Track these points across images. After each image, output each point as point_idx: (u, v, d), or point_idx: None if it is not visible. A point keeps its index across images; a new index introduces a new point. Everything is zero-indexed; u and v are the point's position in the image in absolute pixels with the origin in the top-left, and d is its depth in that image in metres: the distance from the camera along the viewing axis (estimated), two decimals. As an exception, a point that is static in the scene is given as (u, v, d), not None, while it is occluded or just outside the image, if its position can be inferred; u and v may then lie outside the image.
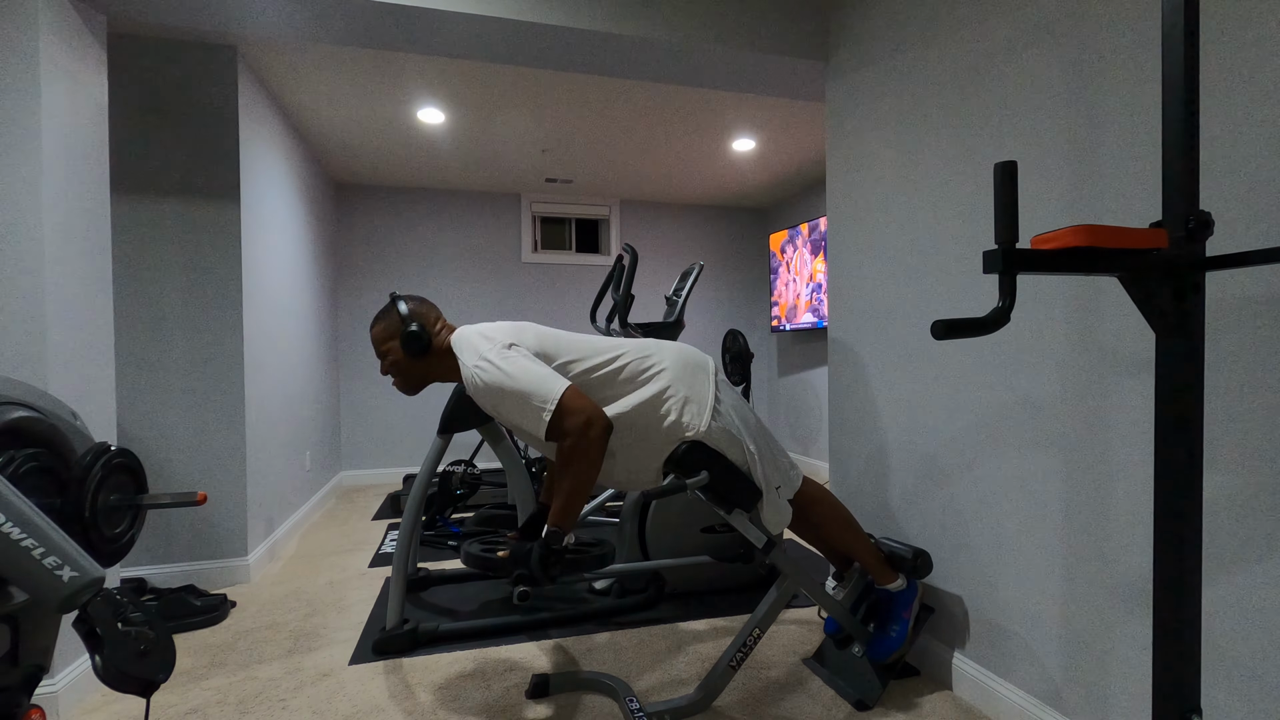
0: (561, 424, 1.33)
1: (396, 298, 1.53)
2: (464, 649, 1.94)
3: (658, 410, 1.45)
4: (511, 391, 1.35)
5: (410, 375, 1.53)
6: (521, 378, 1.35)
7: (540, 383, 1.35)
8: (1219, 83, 1.08)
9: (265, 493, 2.78)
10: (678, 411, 1.45)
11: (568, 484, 1.34)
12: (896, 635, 1.62)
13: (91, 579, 0.79)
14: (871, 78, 1.99)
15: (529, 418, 1.34)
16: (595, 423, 1.34)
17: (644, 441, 1.45)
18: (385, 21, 1.94)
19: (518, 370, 1.36)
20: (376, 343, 1.53)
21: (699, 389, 1.48)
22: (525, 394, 1.34)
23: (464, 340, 1.47)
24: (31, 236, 1.57)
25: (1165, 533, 0.82)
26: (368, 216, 4.52)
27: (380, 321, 1.53)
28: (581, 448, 1.33)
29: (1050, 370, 1.39)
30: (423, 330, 1.48)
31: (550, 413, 1.32)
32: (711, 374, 1.52)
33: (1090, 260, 0.77)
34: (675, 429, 1.44)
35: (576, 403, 1.34)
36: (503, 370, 1.36)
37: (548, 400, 1.33)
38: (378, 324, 1.53)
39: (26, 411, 0.90)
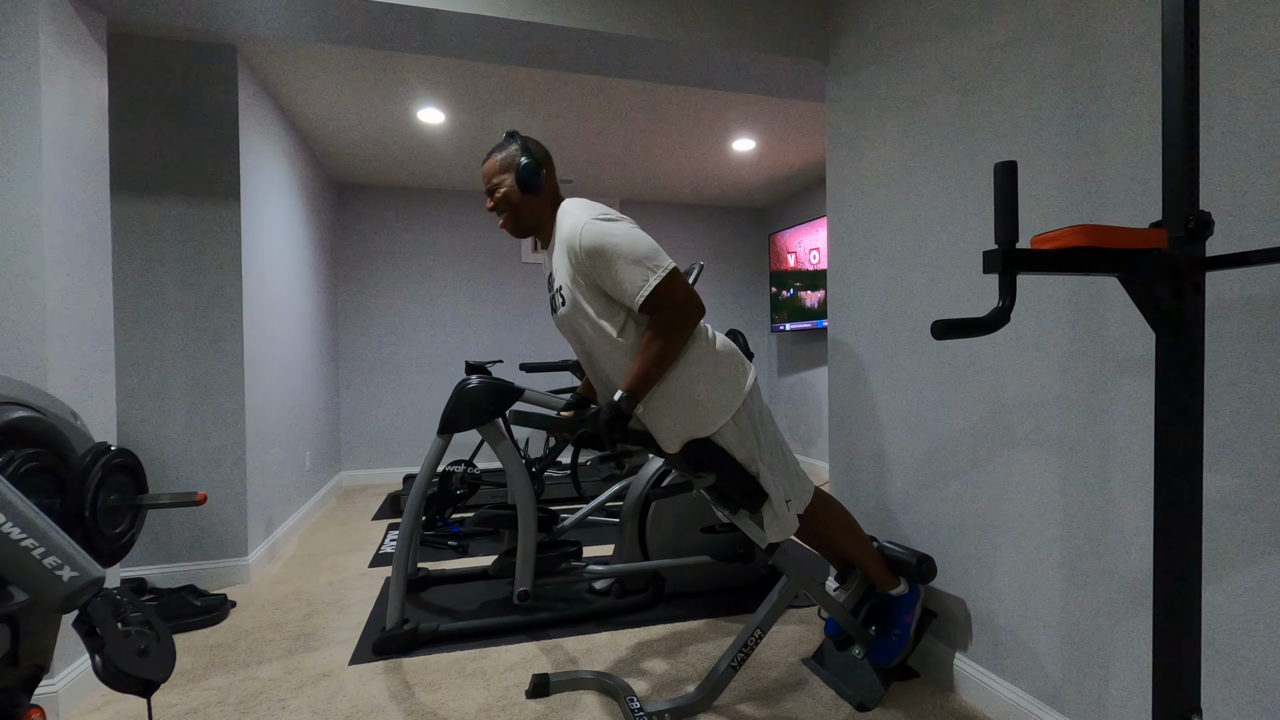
0: (666, 294, 1.36)
1: (515, 134, 1.53)
2: (464, 649, 1.94)
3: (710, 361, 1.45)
4: (626, 247, 1.36)
5: (519, 213, 1.51)
6: (641, 242, 1.38)
7: (655, 249, 1.39)
8: (1219, 83, 1.08)
9: (265, 493, 2.78)
10: (707, 395, 1.43)
11: (655, 352, 1.37)
12: (898, 640, 1.62)
13: (91, 579, 0.79)
14: (871, 78, 1.99)
15: (632, 278, 1.35)
16: (695, 300, 1.40)
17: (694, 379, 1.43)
18: (385, 21, 1.94)
19: (636, 233, 1.40)
20: (490, 174, 1.52)
21: (733, 383, 1.46)
22: (640, 254, 1.36)
23: (577, 203, 1.47)
24: (31, 236, 1.57)
25: (1165, 533, 0.82)
26: (368, 216, 4.52)
27: (498, 152, 1.52)
28: (676, 321, 1.37)
29: (1050, 370, 1.39)
30: (539, 167, 1.48)
31: (660, 278, 1.35)
32: (749, 379, 1.49)
33: (1090, 260, 0.77)
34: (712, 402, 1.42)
35: (682, 280, 1.39)
36: (623, 230, 1.39)
37: (659, 266, 1.36)
38: (494, 155, 1.52)
39: (26, 411, 0.90)
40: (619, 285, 1.37)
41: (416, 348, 4.63)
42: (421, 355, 4.64)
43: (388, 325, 4.57)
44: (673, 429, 1.45)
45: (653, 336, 1.37)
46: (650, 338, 1.38)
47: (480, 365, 2.73)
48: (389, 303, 4.57)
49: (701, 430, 1.43)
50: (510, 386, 2.13)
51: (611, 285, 1.38)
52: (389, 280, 4.57)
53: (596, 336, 1.45)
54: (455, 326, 4.70)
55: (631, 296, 1.36)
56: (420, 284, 4.63)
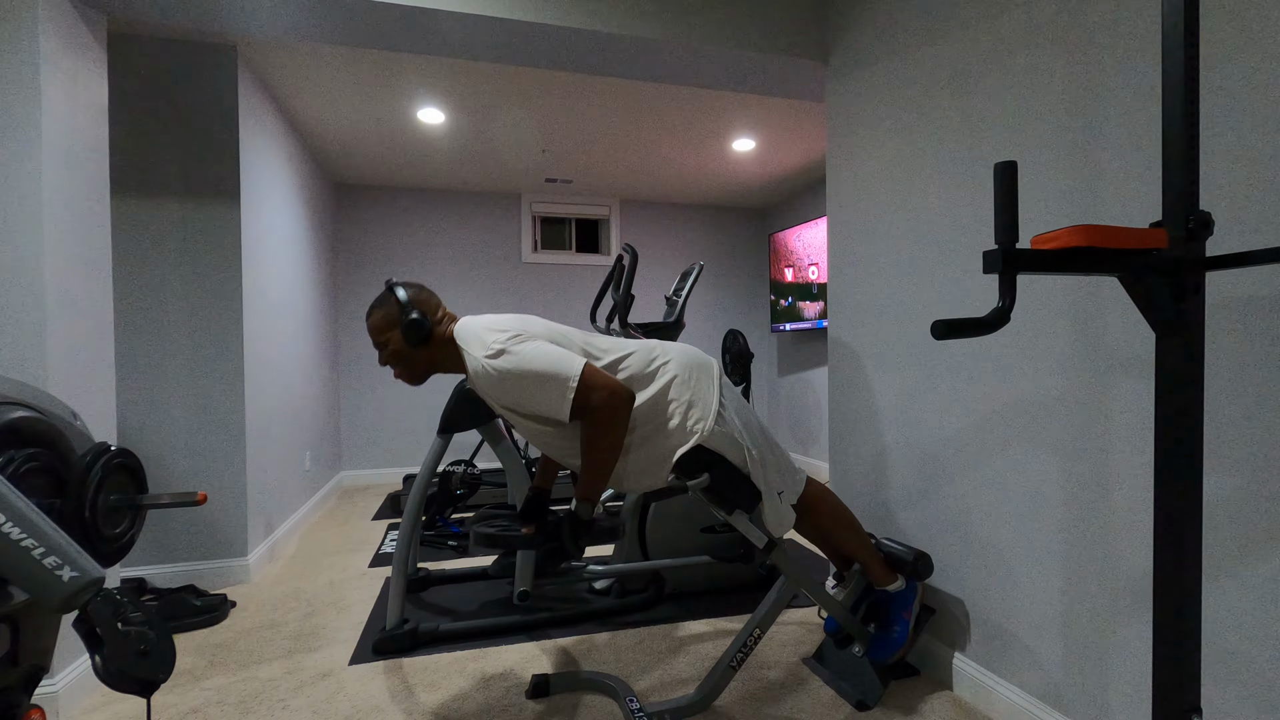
0: (587, 400, 1.32)
1: (394, 284, 1.47)
2: (464, 649, 1.94)
3: (664, 412, 1.44)
4: (530, 375, 1.32)
5: (413, 364, 1.46)
6: (540, 360, 1.33)
7: (558, 362, 1.33)
8: (1219, 83, 1.08)
9: (265, 493, 2.78)
10: (682, 415, 1.44)
11: (596, 457, 1.35)
12: (898, 636, 1.62)
13: (91, 579, 0.79)
14: (871, 78, 1.99)
15: (550, 400, 1.32)
16: (619, 394, 1.35)
17: (649, 442, 1.45)
18: (385, 21, 1.94)
19: (533, 353, 1.34)
20: (375, 332, 1.45)
21: (703, 391, 1.47)
22: (545, 375, 1.32)
23: (469, 332, 1.41)
24: (31, 236, 1.57)
25: (1165, 533, 0.82)
26: (368, 216, 4.52)
27: (378, 310, 1.45)
28: (608, 421, 1.33)
29: (1050, 370, 1.39)
30: (424, 318, 1.41)
31: (574, 390, 1.31)
32: (716, 377, 1.51)
33: (1090, 260, 0.77)
34: (680, 431, 1.44)
35: (598, 378, 1.34)
36: (518, 356, 1.33)
37: (570, 379, 1.31)
38: (375, 312, 1.46)
39: (26, 411, 0.90)
40: (540, 411, 1.35)
41: (416, 348, 4.62)
42: (421, 355, 4.63)
43: (388, 325, 4.57)
44: (658, 478, 1.48)
45: (590, 444, 1.35)
46: (588, 445, 1.35)
47: (480, 365, 2.72)
48: (389, 303, 4.56)
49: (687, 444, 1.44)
50: (510, 386, 2.13)
51: (533, 410, 1.37)
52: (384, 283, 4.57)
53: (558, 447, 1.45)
54: (455, 326, 4.69)
55: (557, 415, 1.34)
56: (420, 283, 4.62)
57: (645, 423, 1.44)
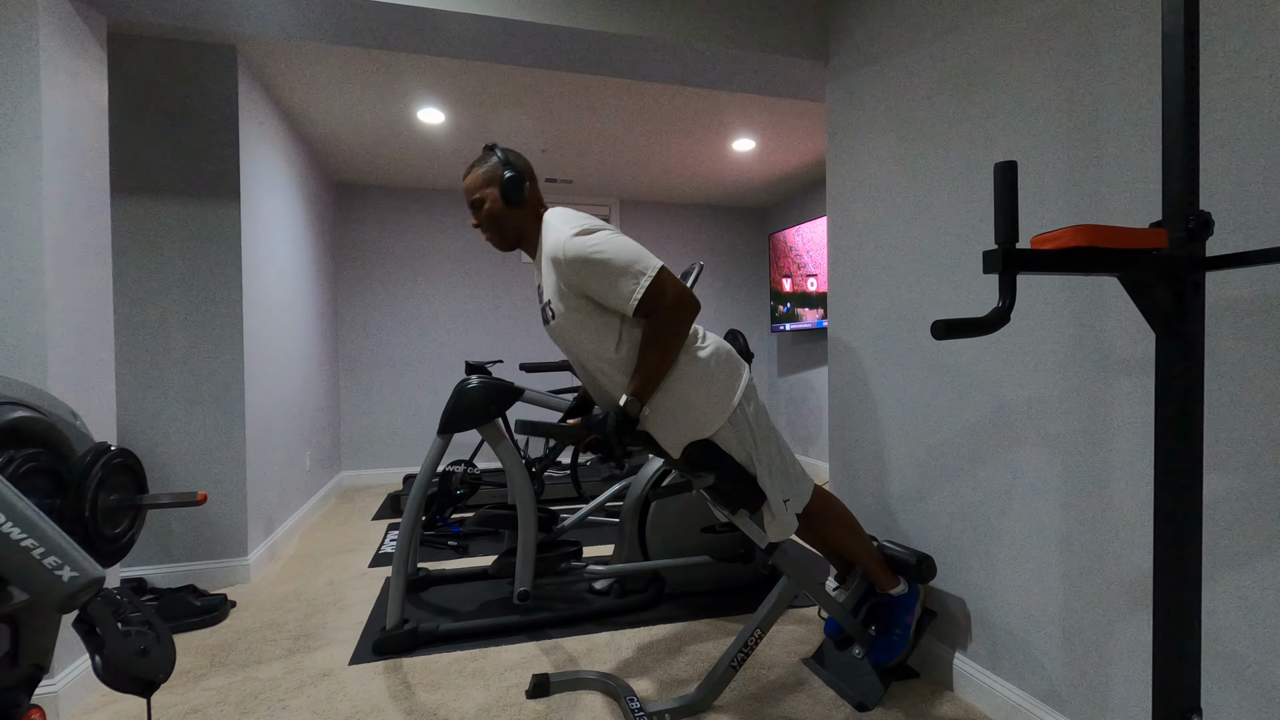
0: (658, 296, 1.36)
1: (495, 146, 1.52)
2: (464, 649, 1.94)
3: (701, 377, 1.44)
4: (612, 256, 1.35)
5: (506, 226, 1.50)
6: (626, 247, 1.37)
7: (640, 253, 1.38)
8: (1219, 83, 1.08)
9: (265, 493, 2.78)
10: (706, 396, 1.43)
11: (655, 354, 1.37)
12: (899, 639, 1.62)
13: (91, 579, 0.79)
14: (871, 77, 1.99)
15: (623, 285, 1.35)
16: (688, 298, 1.39)
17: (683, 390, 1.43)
18: (385, 21, 1.94)
19: (620, 241, 1.39)
20: (472, 189, 1.50)
21: (728, 385, 1.46)
22: (626, 260, 1.35)
23: (562, 213, 1.45)
24: (31, 236, 1.57)
25: (1165, 533, 0.82)
26: (368, 216, 4.52)
27: (478, 167, 1.51)
28: (672, 321, 1.37)
29: (1050, 370, 1.39)
30: (522, 179, 1.47)
31: (649, 280, 1.35)
32: (743, 379, 1.49)
33: (1090, 260, 0.77)
34: (704, 408, 1.43)
35: (672, 278, 1.38)
36: (605, 237, 1.38)
37: (648, 270, 1.36)
38: (474, 170, 1.51)
39: (26, 411, 0.90)
40: (609, 295, 1.37)
41: (416, 348, 4.63)
42: (421, 355, 4.64)
43: (388, 325, 4.57)
44: (671, 434, 1.45)
45: (651, 339, 1.38)
46: (649, 341, 1.38)
47: (480, 365, 2.73)
48: (389, 303, 4.57)
49: (699, 433, 1.44)
50: (510, 387, 2.13)
51: (602, 296, 1.38)
52: (389, 280, 4.57)
53: (591, 351, 1.45)
54: (455, 326, 4.70)
55: (624, 304, 1.36)
56: (420, 284, 4.63)
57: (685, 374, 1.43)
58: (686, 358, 1.44)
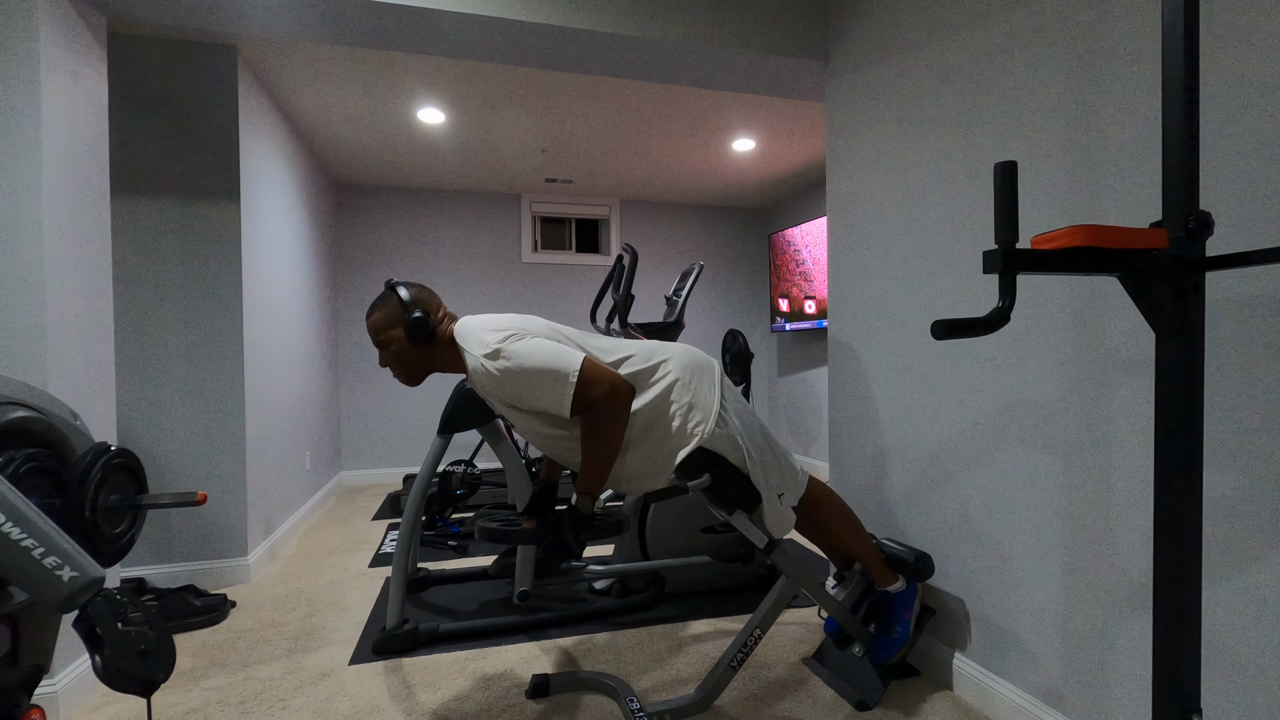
0: (587, 394, 1.33)
1: (395, 284, 1.46)
2: (464, 649, 1.94)
3: (665, 414, 1.44)
4: (530, 372, 1.33)
5: (414, 365, 1.45)
6: (538, 356, 1.34)
7: (557, 358, 1.33)
8: (1219, 83, 1.08)
9: (265, 493, 2.78)
10: (683, 417, 1.44)
11: (597, 449, 1.35)
12: (899, 636, 1.62)
13: (91, 579, 0.79)
14: (871, 78, 1.99)
15: (551, 395, 1.33)
16: (619, 387, 1.35)
17: (650, 443, 1.45)
18: (385, 21, 1.94)
19: (532, 350, 1.34)
20: (375, 331, 1.45)
21: (704, 393, 1.47)
22: (544, 371, 1.32)
23: (469, 331, 1.41)
24: (31, 236, 1.57)
25: (1165, 533, 0.82)
26: (368, 216, 4.52)
27: (379, 309, 1.45)
28: (610, 413, 1.34)
29: (1050, 370, 1.39)
30: (427, 316, 1.42)
31: (574, 385, 1.31)
32: (717, 378, 1.51)
33: (1090, 260, 0.77)
34: (680, 434, 1.44)
35: (597, 371, 1.35)
36: (517, 354, 1.34)
37: (570, 373, 1.32)
38: (376, 311, 1.45)
39: (26, 411, 0.90)
40: (542, 404, 1.35)
41: (416, 348, 4.62)
42: (421, 355, 4.63)
43: (388, 325, 4.57)
44: (659, 480, 1.48)
45: (589, 435, 1.36)
46: (587, 436, 1.36)
47: (480, 365, 2.72)
48: (389, 303, 4.56)
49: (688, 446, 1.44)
50: (510, 386, 2.13)
51: (535, 404, 1.36)
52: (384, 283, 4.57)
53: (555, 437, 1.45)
54: (455, 326, 4.69)
55: (558, 411, 1.34)
56: (420, 283, 4.62)
57: (646, 424, 1.44)
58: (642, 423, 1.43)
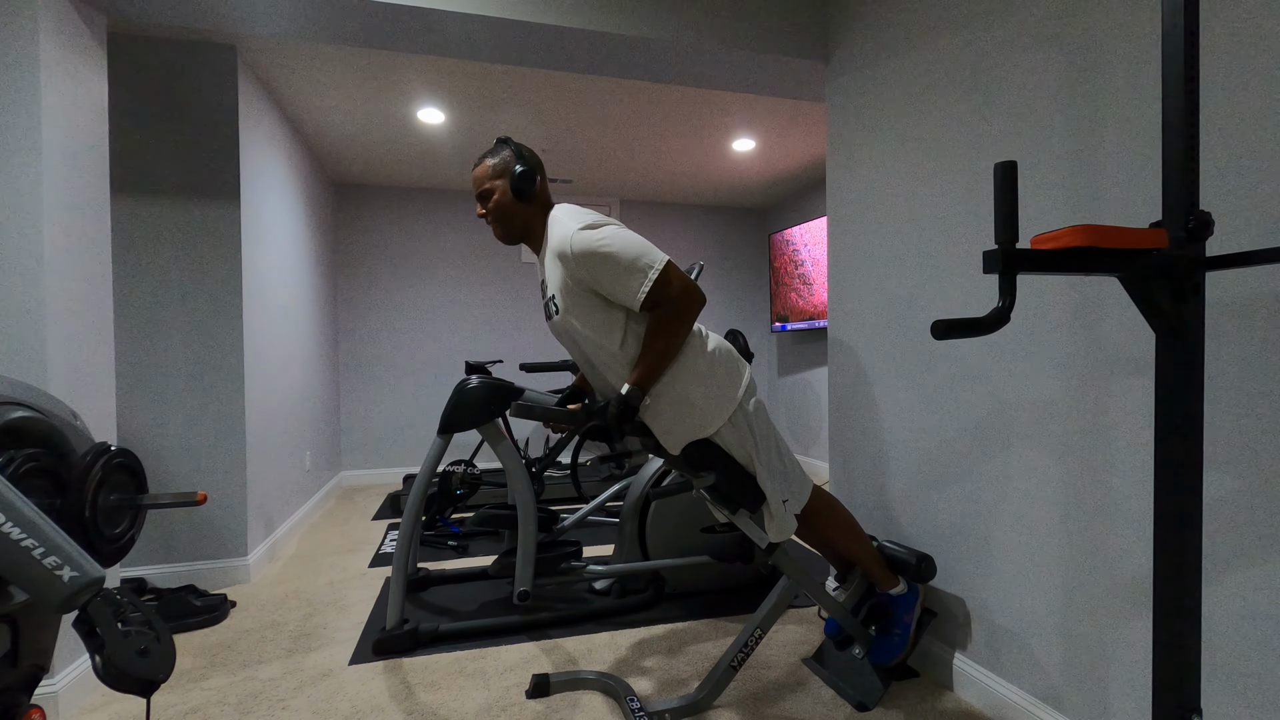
0: (665, 288, 1.37)
1: (509, 140, 1.52)
2: (464, 649, 1.94)
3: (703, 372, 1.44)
4: (619, 250, 1.37)
5: (512, 220, 1.50)
6: (631, 241, 1.39)
7: (647, 248, 1.39)
8: (1219, 83, 1.08)
9: (265, 493, 2.78)
10: (704, 395, 1.44)
11: (660, 344, 1.39)
12: (899, 639, 1.62)
13: (91, 579, 0.79)
14: (871, 78, 1.99)
15: (631, 278, 1.36)
16: (694, 292, 1.41)
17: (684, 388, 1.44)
18: (385, 21, 1.94)
19: (626, 236, 1.40)
20: (481, 179, 1.50)
21: (728, 385, 1.47)
22: (633, 254, 1.37)
23: (569, 209, 1.46)
24: (31, 237, 1.57)
25: (1165, 533, 0.82)
26: (368, 216, 4.52)
27: (490, 157, 1.51)
28: (679, 313, 1.39)
29: (1050, 370, 1.39)
30: (534, 174, 1.48)
31: (656, 274, 1.36)
32: (745, 376, 1.50)
33: (1090, 260, 0.77)
34: (705, 408, 1.43)
35: (677, 271, 1.41)
36: (613, 232, 1.39)
37: (655, 263, 1.37)
38: (486, 160, 1.51)
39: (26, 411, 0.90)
40: (616, 290, 1.38)
41: (416, 348, 4.63)
42: (421, 355, 4.64)
43: (388, 325, 4.57)
44: (671, 431, 1.46)
45: (656, 331, 1.39)
46: (654, 331, 1.39)
47: (480, 365, 2.73)
48: (389, 303, 4.57)
49: (699, 432, 1.44)
50: (510, 386, 2.13)
51: (609, 290, 1.39)
52: (389, 280, 4.57)
53: (595, 346, 1.45)
54: (455, 326, 4.70)
55: (630, 299, 1.37)
56: (420, 284, 4.63)
57: (687, 370, 1.44)
58: (690, 354, 1.45)
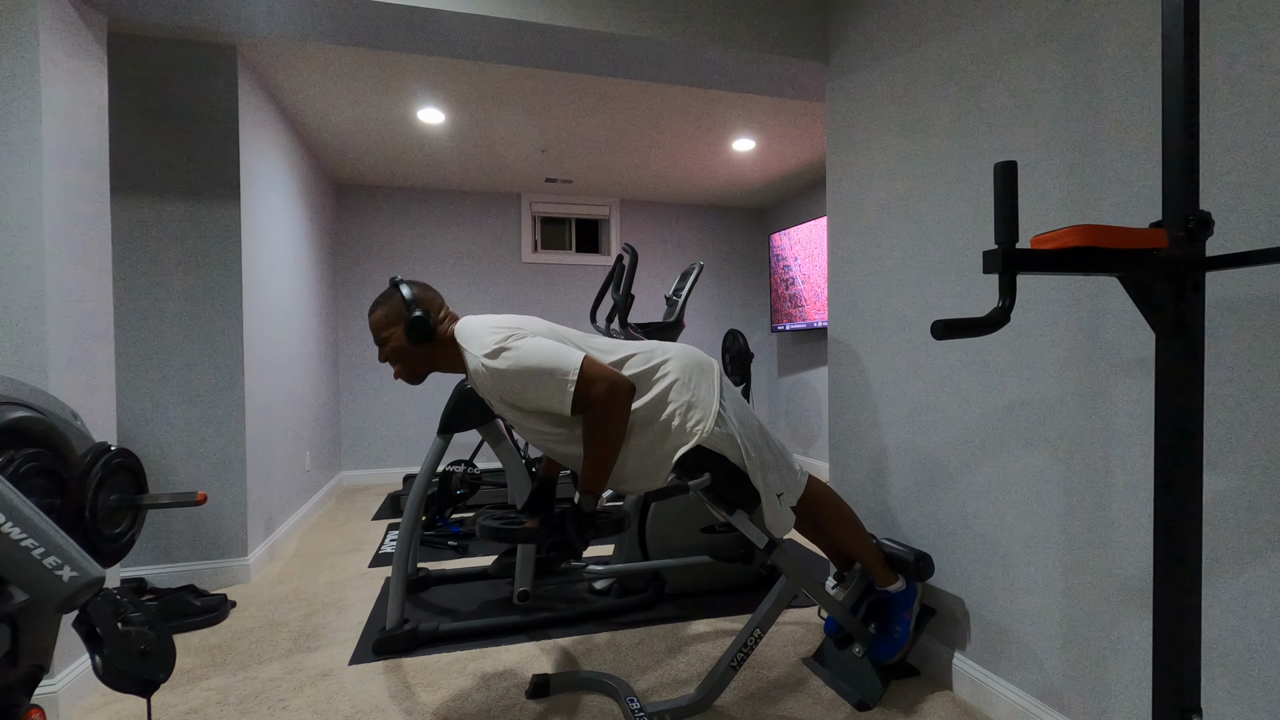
0: (588, 392, 1.33)
1: (398, 282, 1.47)
2: (464, 649, 1.94)
3: (664, 413, 1.45)
4: (530, 371, 1.33)
5: (413, 363, 1.46)
6: (538, 355, 1.34)
7: (557, 357, 1.34)
8: (1219, 83, 1.08)
9: (265, 493, 2.77)
10: (682, 415, 1.44)
11: (598, 449, 1.36)
12: (899, 636, 1.62)
13: (91, 579, 0.79)
14: (871, 78, 1.99)
15: (552, 395, 1.34)
16: (620, 385, 1.36)
17: (648, 442, 1.45)
18: (385, 21, 1.94)
19: (532, 350, 1.35)
20: (377, 328, 1.46)
21: (704, 393, 1.47)
22: (544, 370, 1.33)
23: (469, 332, 1.42)
24: (31, 236, 1.57)
25: (1165, 533, 0.82)
26: (368, 216, 4.52)
27: (381, 306, 1.46)
28: (610, 412, 1.35)
29: (1050, 370, 1.39)
30: (427, 316, 1.42)
31: (574, 383, 1.32)
32: (716, 378, 1.51)
33: (1090, 260, 0.77)
34: (680, 433, 1.44)
35: (597, 370, 1.36)
36: (518, 352, 1.34)
37: (569, 372, 1.33)
38: (378, 309, 1.46)
39: (26, 411, 0.90)
40: (542, 403, 1.36)
41: (416, 348, 4.62)
42: (421, 355, 4.63)
43: (388, 325, 4.57)
44: (657, 479, 1.48)
45: (590, 434, 1.37)
46: (589, 435, 1.37)
47: (480, 365, 2.72)
48: (389, 303, 4.57)
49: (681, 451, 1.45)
50: (510, 386, 2.13)
51: (535, 404, 1.37)
52: (388, 280, 4.57)
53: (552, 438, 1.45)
54: (455, 326, 4.69)
55: (559, 410, 1.35)
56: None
57: (645, 423, 1.44)
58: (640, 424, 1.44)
